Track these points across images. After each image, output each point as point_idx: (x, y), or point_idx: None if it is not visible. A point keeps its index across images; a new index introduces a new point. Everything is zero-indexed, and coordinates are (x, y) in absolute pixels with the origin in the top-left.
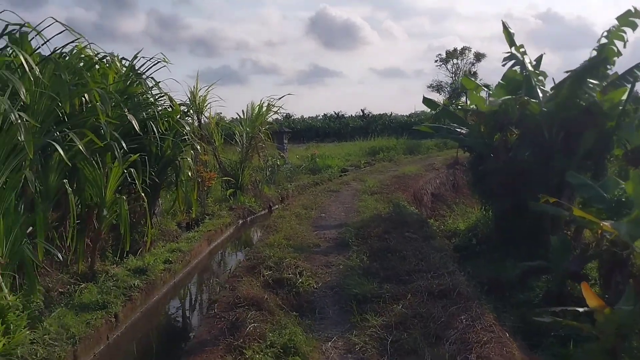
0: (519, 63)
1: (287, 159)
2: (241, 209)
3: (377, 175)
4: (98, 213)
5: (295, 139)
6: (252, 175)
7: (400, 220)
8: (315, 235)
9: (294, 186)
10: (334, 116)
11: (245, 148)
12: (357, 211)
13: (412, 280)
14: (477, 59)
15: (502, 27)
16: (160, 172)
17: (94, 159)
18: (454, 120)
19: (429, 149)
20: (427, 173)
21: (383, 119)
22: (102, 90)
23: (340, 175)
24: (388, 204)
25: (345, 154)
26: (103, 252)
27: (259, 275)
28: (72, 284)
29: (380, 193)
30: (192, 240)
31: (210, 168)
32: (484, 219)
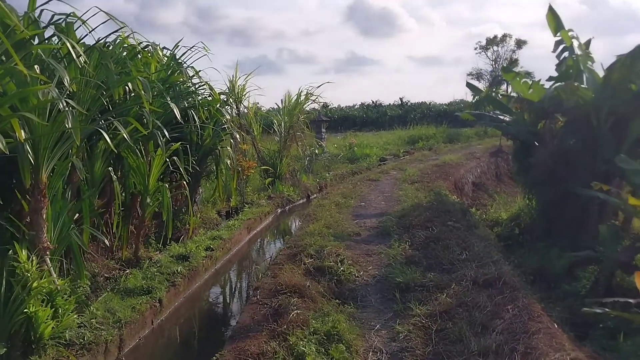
0: (567, 48)
1: (325, 148)
2: (280, 197)
3: (417, 164)
4: (141, 201)
5: (332, 128)
6: (290, 165)
7: (442, 209)
8: (355, 224)
9: (332, 175)
10: (371, 105)
11: (284, 137)
12: (397, 200)
13: (455, 269)
14: (518, 46)
15: (548, 11)
16: (201, 160)
17: (138, 147)
18: (497, 107)
19: (469, 137)
20: (467, 162)
21: (422, 107)
22: (144, 79)
23: (379, 164)
24: (429, 193)
25: (384, 143)
26: (147, 239)
27: (300, 263)
28: (117, 269)
29: (420, 182)
30: (232, 228)
31: (249, 157)
32: (527, 209)
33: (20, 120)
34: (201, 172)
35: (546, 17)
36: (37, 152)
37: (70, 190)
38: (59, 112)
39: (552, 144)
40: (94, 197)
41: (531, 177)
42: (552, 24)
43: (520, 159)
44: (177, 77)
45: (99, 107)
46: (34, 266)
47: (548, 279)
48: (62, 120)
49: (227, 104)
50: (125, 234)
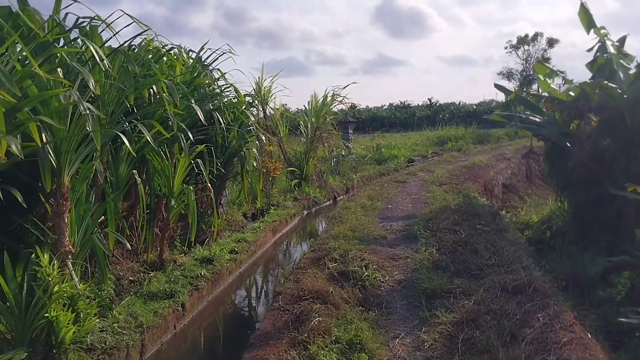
0: (601, 47)
1: (352, 149)
2: (306, 199)
3: (446, 166)
4: (166, 203)
5: (360, 129)
6: (317, 166)
7: (470, 211)
8: (381, 227)
9: (359, 177)
10: (399, 105)
11: (310, 138)
12: (424, 202)
13: (484, 274)
14: (550, 45)
15: (580, 8)
16: (226, 162)
17: (162, 149)
18: (528, 107)
19: (499, 138)
20: (497, 163)
21: (450, 108)
22: (169, 82)
23: (406, 165)
24: (457, 195)
25: (412, 144)
26: (172, 242)
27: (324, 268)
28: (142, 272)
29: (449, 184)
30: (258, 230)
31: (275, 159)
32: (559, 211)
33: (42, 124)
34: (226, 174)
35: (578, 14)
36: (59, 156)
37: (94, 193)
38: (80, 116)
39: (585, 144)
40: (118, 200)
41: (563, 178)
42: (585, 22)
43: (552, 160)
44: (202, 80)
45: (122, 110)
46: (55, 270)
47: (581, 284)
48: (83, 123)
49: (252, 105)
50: (150, 236)
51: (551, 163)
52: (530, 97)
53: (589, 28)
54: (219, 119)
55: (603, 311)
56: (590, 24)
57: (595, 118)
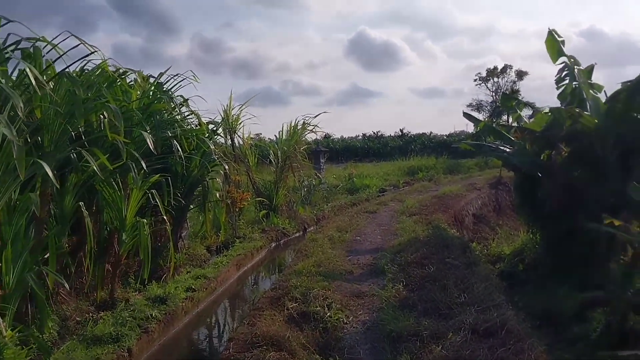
0: (568, 75)
1: (323, 179)
2: (274, 231)
3: (416, 196)
4: (119, 237)
5: (334, 159)
6: (287, 196)
7: (440, 244)
8: (348, 261)
9: (331, 207)
10: (373, 136)
11: (280, 168)
12: (394, 234)
13: (453, 314)
14: (519, 77)
15: (547, 36)
16: (187, 193)
17: (115, 179)
18: (497, 137)
19: (469, 168)
20: (468, 193)
21: (422, 138)
22: (116, 107)
23: (378, 195)
24: (427, 226)
25: (384, 174)
26: (125, 278)
27: (283, 308)
28: (91, 312)
29: (419, 214)
30: (220, 265)
31: (244, 189)
32: (531, 243)
33: None
34: (187, 205)
35: (546, 43)
36: None
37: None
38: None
39: (556, 175)
40: (62, 234)
41: (535, 210)
42: (552, 50)
43: (523, 191)
44: (160, 106)
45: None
46: None
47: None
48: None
49: (216, 133)
50: (100, 273)
51: (522, 194)
52: (500, 127)
53: (557, 57)
54: (178, 147)
55: (579, 350)
56: (559, 52)
57: (565, 148)
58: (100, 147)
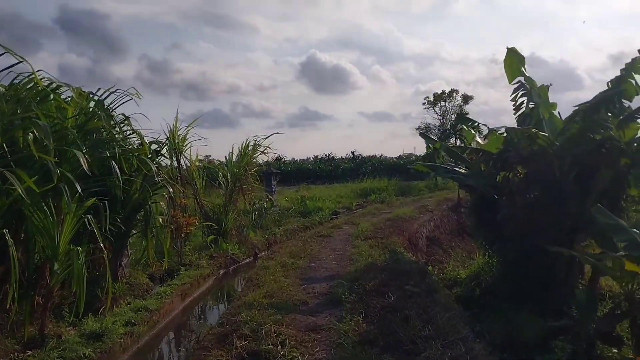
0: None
1: (275, 202)
2: (223, 257)
3: (370, 218)
4: (51, 267)
5: (286, 181)
6: (237, 220)
7: (398, 269)
8: (303, 290)
9: (283, 230)
10: (324, 158)
11: (230, 190)
12: (350, 259)
13: (418, 350)
14: (465, 101)
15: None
16: (128, 218)
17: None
18: (453, 157)
19: (420, 190)
20: (421, 215)
21: (373, 161)
22: (45, 124)
23: (331, 218)
24: (383, 251)
25: (337, 196)
26: (60, 311)
27: (232, 347)
28: (17, 351)
29: (374, 238)
30: (164, 295)
31: (191, 213)
32: (487, 267)
33: None
34: (128, 231)
35: (504, 61)
36: None
37: None
38: None
39: (514, 196)
40: None
41: (491, 232)
42: (511, 69)
43: (479, 213)
44: (97, 123)
45: None
46: None
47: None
48: None
49: (160, 154)
50: (28, 307)
51: (478, 216)
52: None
53: (514, 76)
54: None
55: None
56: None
57: (522, 169)
58: (29, 168)
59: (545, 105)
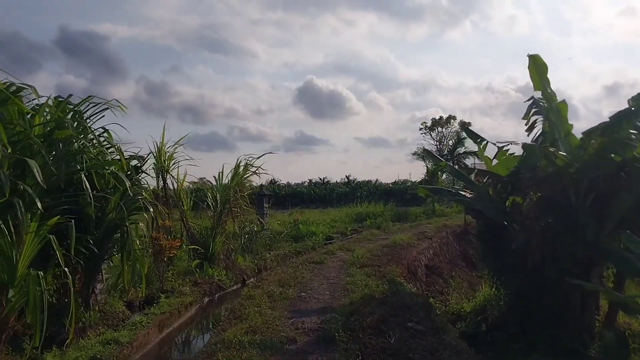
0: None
1: (266, 225)
2: (208, 283)
3: (366, 244)
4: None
5: (280, 204)
6: (226, 244)
7: (399, 303)
8: (291, 325)
9: (273, 255)
10: (319, 182)
11: (219, 212)
12: (344, 289)
13: None
14: (462, 127)
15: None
16: (103, 239)
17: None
18: (459, 178)
19: (417, 216)
20: (419, 242)
21: (368, 185)
22: None
23: (325, 243)
24: (381, 280)
25: (331, 220)
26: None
27: None
28: None
29: (371, 266)
30: (139, 326)
31: (178, 235)
32: (495, 299)
33: None
34: (102, 254)
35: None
36: None
37: None
38: None
39: (524, 223)
40: None
41: (500, 261)
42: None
43: (487, 240)
44: (65, 132)
45: None
46: None
47: None
48: None
49: (141, 170)
50: None
51: (485, 243)
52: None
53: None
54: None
55: None
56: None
57: (535, 193)
58: None
59: (562, 124)
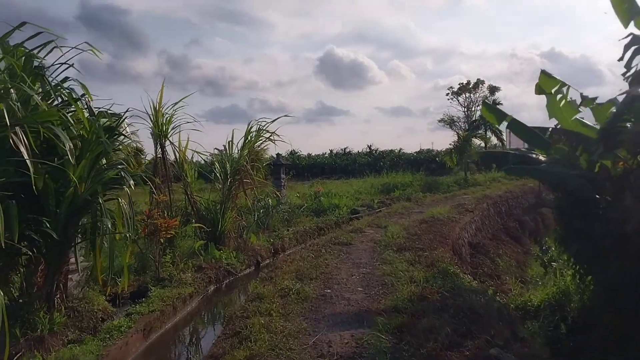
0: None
1: (284, 198)
2: (215, 268)
3: (399, 219)
4: None
5: (300, 176)
6: (237, 220)
7: (464, 309)
8: (312, 349)
9: (292, 233)
10: (340, 152)
11: (228, 184)
12: (381, 283)
13: None
14: (492, 92)
15: None
16: (69, 221)
17: None
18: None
19: (449, 186)
20: (460, 216)
21: (391, 155)
22: None
23: (350, 218)
24: (429, 270)
25: (355, 192)
26: None
27: None
28: None
29: (410, 249)
30: (116, 332)
31: (179, 211)
32: (577, 292)
33: None
34: (69, 239)
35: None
36: None
37: None
38: None
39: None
40: None
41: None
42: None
43: (570, 218)
44: None
45: None
46: None
47: None
48: None
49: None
50: None
51: (568, 222)
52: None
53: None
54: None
55: None
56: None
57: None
58: None
59: None
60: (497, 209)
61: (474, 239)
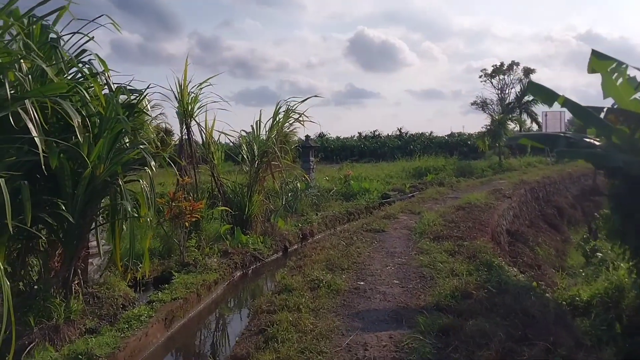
0: None
1: (313, 181)
2: (241, 253)
3: (433, 205)
4: None
5: (328, 159)
6: (265, 203)
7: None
8: (345, 351)
9: (321, 217)
10: (369, 135)
11: (256, 167)
12: (419, 275)
13: None
14: (526, 75)
15: None
16: (86, 205)
17: None
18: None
19: (483, 170)
20: (498, 202)
21: (422, 138)
22: None
23: (380, 202)
24: (471, 262)
25: (385, 176)
26: None
27: None
28: None
29: (449, 238)
30: (136, 322)
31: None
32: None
33: None
34: (87, 223)
35: None
36: None
37: None
38: None
39: None
40: None
41: None
42: None
43: (628, 207)
44: None
45: None
46: None
47: None
48: None
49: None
50: None
51: (625, 212)
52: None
53: None
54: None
55: None
56: None
57: None
58: None
59: None
60: (535, 195)
61: (512, 227)
